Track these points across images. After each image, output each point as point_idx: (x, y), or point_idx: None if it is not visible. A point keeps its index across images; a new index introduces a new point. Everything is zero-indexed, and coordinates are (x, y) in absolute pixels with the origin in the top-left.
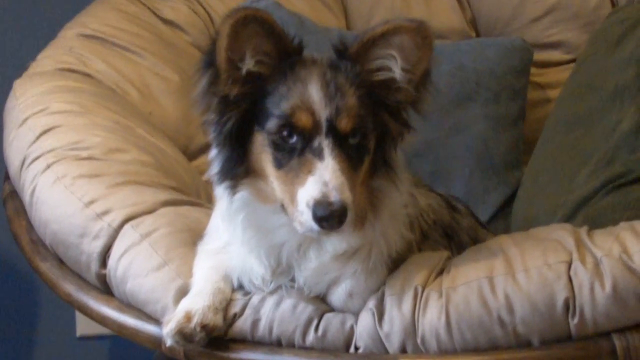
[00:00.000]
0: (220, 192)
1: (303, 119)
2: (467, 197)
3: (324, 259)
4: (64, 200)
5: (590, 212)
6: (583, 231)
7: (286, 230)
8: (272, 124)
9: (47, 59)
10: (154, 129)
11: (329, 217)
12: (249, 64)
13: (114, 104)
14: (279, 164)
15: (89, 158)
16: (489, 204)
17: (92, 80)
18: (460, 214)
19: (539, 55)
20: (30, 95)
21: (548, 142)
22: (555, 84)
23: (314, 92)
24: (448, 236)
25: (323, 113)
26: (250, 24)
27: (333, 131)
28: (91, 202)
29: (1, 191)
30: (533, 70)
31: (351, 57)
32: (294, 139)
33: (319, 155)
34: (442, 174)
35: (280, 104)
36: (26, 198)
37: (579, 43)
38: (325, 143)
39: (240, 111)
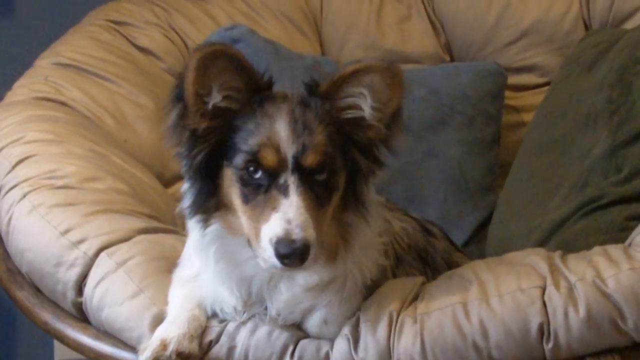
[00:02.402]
0: (193, 225)
1: (269, 156)
2: (442, 221)
3: (295, 291)
4: (39, 229)
5: (564, 236)
6: (557, 256)
7: (256, 263)
8: (239, 159)
9: (23, 87)
10: (129, 156)
11: (291, 254)
12: (215, 99)
13: (90, 132)
14: (246, 199)
15: (65, 187)
16: (463, 227)
17: (67, 108)
18: (435, 237)
19: (514, 79)
20: (6, 124)
21: (522, 166)
22: (530, 107)
23: (281, 129)
24: (423, 260)
25: (289, 150)
26: (219, 60)
27: (299, 168)
28: (67, 231)
29: None
30: (508, 93)
31: (321, 95)
32: (260, 175)
33: (284, 192)
34: (417, 198)
35: (247, 140)
36: (2, 227)
37: (552, 66)
38: (291, 180)
39: (209, 145)
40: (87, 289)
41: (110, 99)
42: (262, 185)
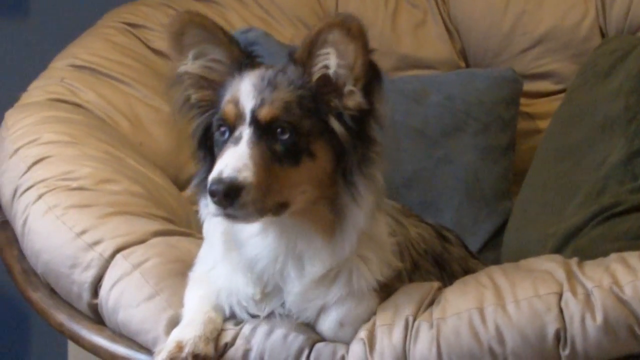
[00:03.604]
0: (202, 207)
1: (228, 110)
2: (457, 227)
3: (305, 281)
4: (55, 231)
5: (581, 243)
6: (573, 262)
7: (257, 241)
8: (215, 123)
9: (38, 89)
10: (144, 159)
11: (216, 191)
12: (191, 67)
13: (105, 135)
14: None
15: (80, 188)
16: (478, 234)
17: (82, 110)
18: (451, 243)
19: (529, 86)
20: (22, 126)
21: (538, 172)
22: (545, 114)
23: (245, 86)
24: (439, 266)
25: (248, 104)
26: (193, 28)
27: (255, 121)
28: (82, 233)
29: None
30: (523, 100)
31: (296, 60)
32: (225, 131)
33: (236, 142)
34: (432, 205)
35: (221, 104)
36: (18, 228)
37: (568, 74)
38: (245, 132)
39: (204, 118)
40: (103, 291)
41: (125, 101)
42: (225, 143)
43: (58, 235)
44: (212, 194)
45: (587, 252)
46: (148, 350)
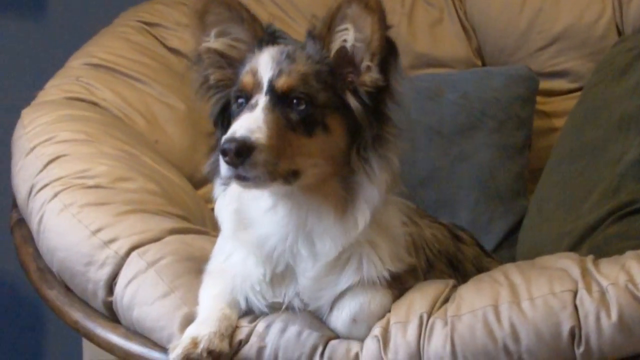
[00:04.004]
0: (217, 189)
1: (246, 80)
2: (472, 225)
3: (318, 266)
4: (70, 229)
5: (596, 241)
6: (589, 260)
7: (268, 218)
8: (232, 95)
9: (55, 88)
10: (160, 157)
11: (228, 149)
12: (214, 44)
13: (121, 133)
14: None
15: (96, 186)
16: (494, 232)
17: (98, 109)
18: (464, 243)
19: (545, 84)
20: (38, 124)
21: (554, 171)
22: (561, 112)
23: (264, 58)
24: (453, 266)
25: (266, 74)
26: (216, 6)
27: (271, 90)
28: (98, 230)
29: (9, 219)
30: (539, 99)
31: (317, 37)
32: (242, 102)
33: (252, 109)
34: (447, 203)
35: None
36: (33, 226)
37: (584, 72)
38: (262, 100)
39: (222, 97)
40: (118, 289)
41: (141, 100)
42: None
43: (73, 233)
44: (224, 153)
45: (603, 250)
46: (162, 348)
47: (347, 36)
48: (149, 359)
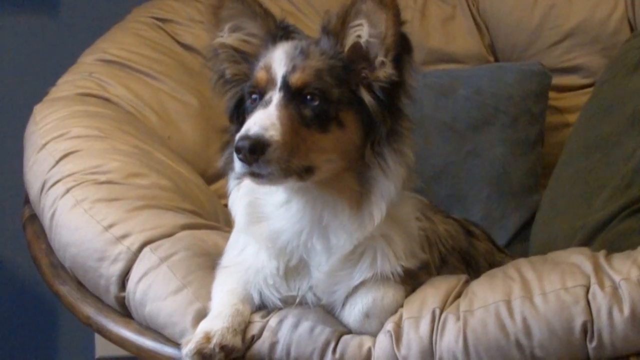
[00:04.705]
0: (232, 184)
1: (260, 75)
2: (485, 220)
3: (332, 259)
4: (83, 224)
5: (609, 236)
6: (601, 255)
7: (282, 213)
8: (246, 91)
9: (67, 84)
10: (172, 153)
11: (242, 147)
12: (228, 39)
13: (133, 129)
14: None
15: (108, 182)
16: (506, 227)
17: (111, 105)
18: (477, 239)
19: (558, 80)
20: (50, 120)
21: (566, 166)
22: (574, 108)
23: (278, 54)
24: (466, 262)
25: (280, 70)
26: (231, 2)
27: (285, 86)
28: (110, 226)
29: (21, 215)
30: (551, 94)
31: (331, 32)
32: (256, 97)
33: (265, 105)
34: (460, 198)
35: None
36: (46, 222)
37: (597, 67)
38: (275, 96)
39: (238, 91)
40: (130, 284)
41: (154, 96)
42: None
43: (86, 228)
44: (238, 150)
45: (615, 245)
46: (175, 343)
47: (362, 32)
48: (161, 354)
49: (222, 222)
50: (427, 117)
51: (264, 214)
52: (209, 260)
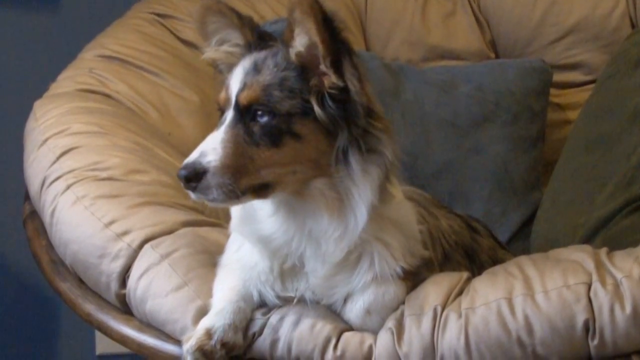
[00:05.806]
0: None
1: (222, 95)
2: (486, 218)
3: (327, 266)
4: (83, 221)
5: (610, 233)
6: (603, 252)
7: (272, 222)
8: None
9: (67, 80)
10: (173, 149)
11: (179, 176)
12: (211, 53)
13: (134, 125)
14: None
15: (109, 179)
16: (508, 225)
17: (111, 101)
18: (480, 234)
19: (559, 76)
20: (50, 116)
21: (567, 163)
22: (575, 105)
23: (237, 71)
24: (469, 257)
25: (234, 88)
26: (213, 14)
27: (236, 106)
28: (111, 223)
29: (21, 211)
30: (553, 91)
31: (283, 42)
32: (220, 116)
33: (218, 127)
34: (461, 195)
35: None
36: (46, 218)
37: (598, 64)
38: (229, 117)
39: None
40: (131, 281)
41: (154, 92)
42: None
43: (86, 225)
44: (179, 178)
45: (617, 242)
46: (176, 340)
47: (301, 41)
48: (162, 351)
49: (223, 218)
50: (428, 114)
51: (256, 217)
52: (210, 258)
